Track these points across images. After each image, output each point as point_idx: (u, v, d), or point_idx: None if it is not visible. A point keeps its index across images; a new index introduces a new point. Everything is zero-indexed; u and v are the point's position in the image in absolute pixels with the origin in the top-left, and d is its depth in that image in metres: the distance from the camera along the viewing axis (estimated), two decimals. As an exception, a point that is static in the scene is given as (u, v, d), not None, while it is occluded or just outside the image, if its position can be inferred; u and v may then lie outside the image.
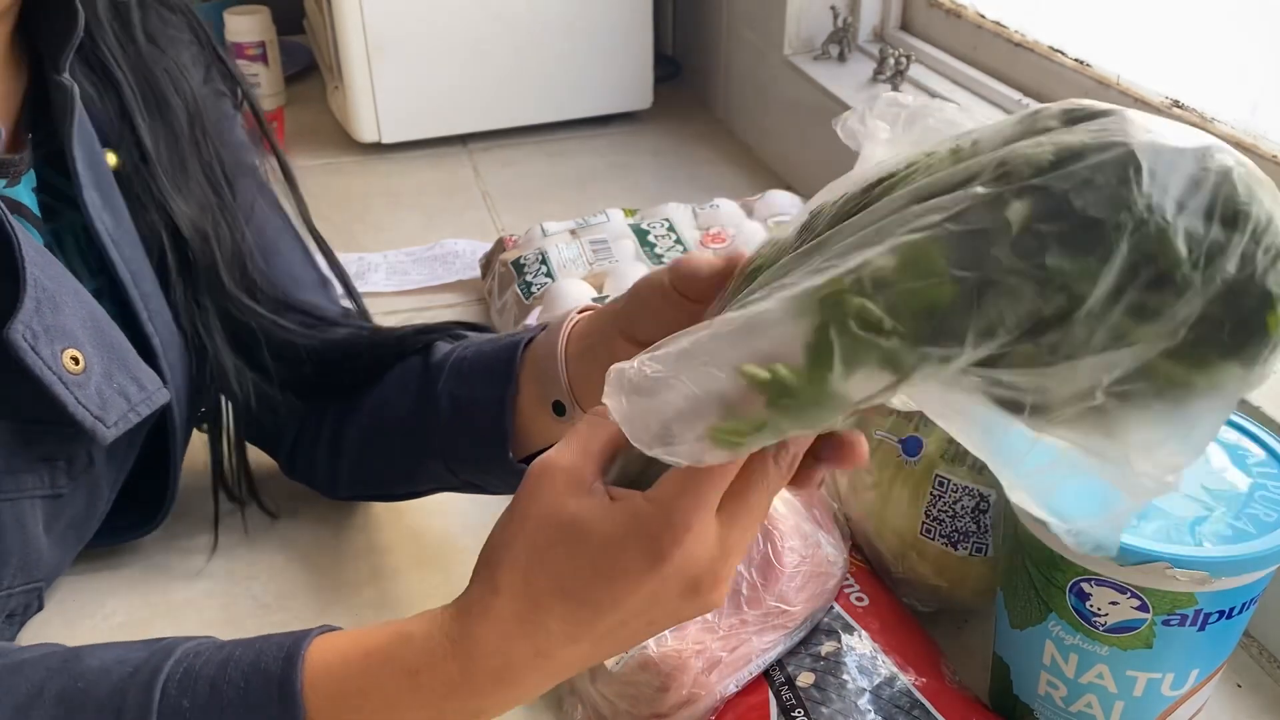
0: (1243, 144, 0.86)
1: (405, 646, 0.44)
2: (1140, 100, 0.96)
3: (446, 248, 1.19)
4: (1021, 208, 0.34)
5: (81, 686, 0.45)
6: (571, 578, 0.42)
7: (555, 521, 0.42)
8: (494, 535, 0.45)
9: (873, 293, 0.36)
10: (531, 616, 0.42)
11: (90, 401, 0.58)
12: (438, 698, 0.43)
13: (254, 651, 0.45)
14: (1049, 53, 1.07)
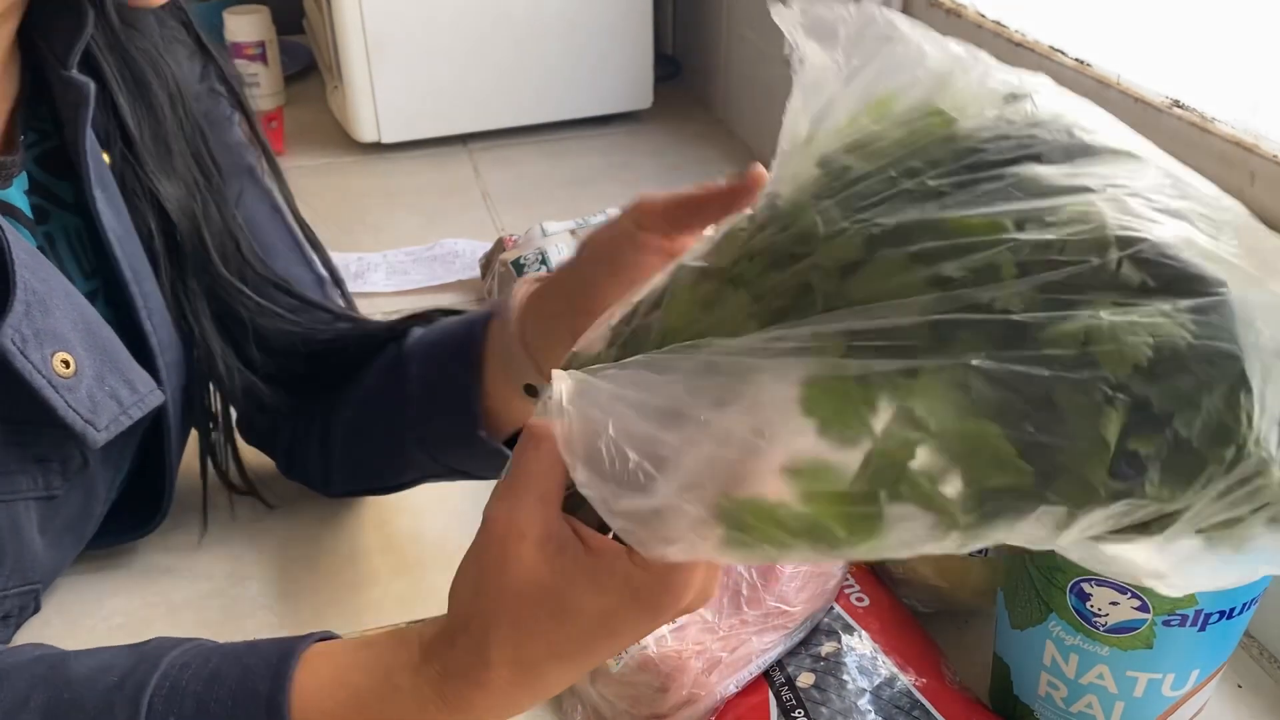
0: (1243, 144, 0.86)
1: (396, 700, 0.43)
2: (1141, 99, 0.96)
3: (446, 247, 1.19)
4: (1116, 418, 0.32)
5: (68, 697, 0.45)
6: (565, 643, 0.41)
7: (538, 593, 0.41)
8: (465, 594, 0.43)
9: (933, 473, 0.33)
10: (527, 680, 0.42)
11: (81, 405, 0.58)
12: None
13: (241, 668, 0.45)
14: (1049, 52, 1.07)
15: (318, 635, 0.47)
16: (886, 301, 0.33)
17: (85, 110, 0.60)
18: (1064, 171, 0.35)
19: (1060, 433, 0.32)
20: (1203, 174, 0.97)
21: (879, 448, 0.33)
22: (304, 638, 0.47)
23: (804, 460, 0.34)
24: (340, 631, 0.72)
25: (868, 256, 0.34)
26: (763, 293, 0.36)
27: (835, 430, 0.33)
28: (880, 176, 0.36)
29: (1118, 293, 0.32)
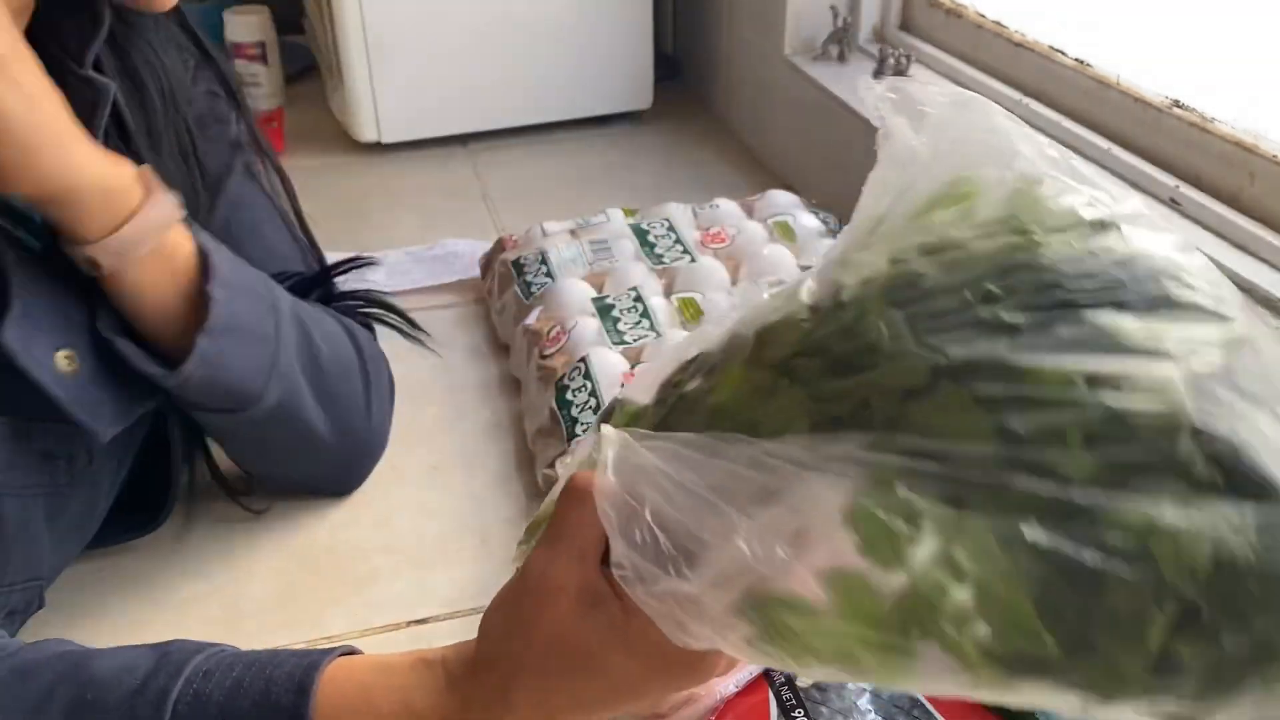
0: (1243, 144, 0.86)
1: None
2: (1141, 100, 0.96)
3: (446, 248, 1.19)
4: (1163, 622, 0.31)
5: (90, 698, 0.45)
6: (589, 697, 0.42)
7: (567, 649, 0.41)
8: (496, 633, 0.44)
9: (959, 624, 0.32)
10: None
11: (86, 400, 0.58)
12: None
13: (264, 679, 0.45)
14: (1049, 52, 1.07)
15: (340, 650, 0.48)
16: (945, 439, 0.33)
17: (103, 109, 0.60)
18: (1144, 326, 0.34)
19: (1101, 622, 0.32)
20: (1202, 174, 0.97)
21: (913, 585, 0.32)
22: (327, 652, 0.47)
23: (840, 572, 0.33)
24: (340, 631, 0.72)
25: (931, 386, 0.34)
26: (819, 395, 0.36)
27: (876, 552, 0.33)
28: (954, 295, 0.35)
29: (1185, 485, 0.31)
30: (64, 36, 0.60)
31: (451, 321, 1.07)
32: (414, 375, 0.96)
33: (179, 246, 0.61)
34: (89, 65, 0.60)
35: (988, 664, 0.33)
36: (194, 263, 0.62)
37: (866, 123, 1.14)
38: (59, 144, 0.54)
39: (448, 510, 0.81)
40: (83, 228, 0.57)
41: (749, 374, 0.38)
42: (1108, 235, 0.37)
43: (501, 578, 0.76)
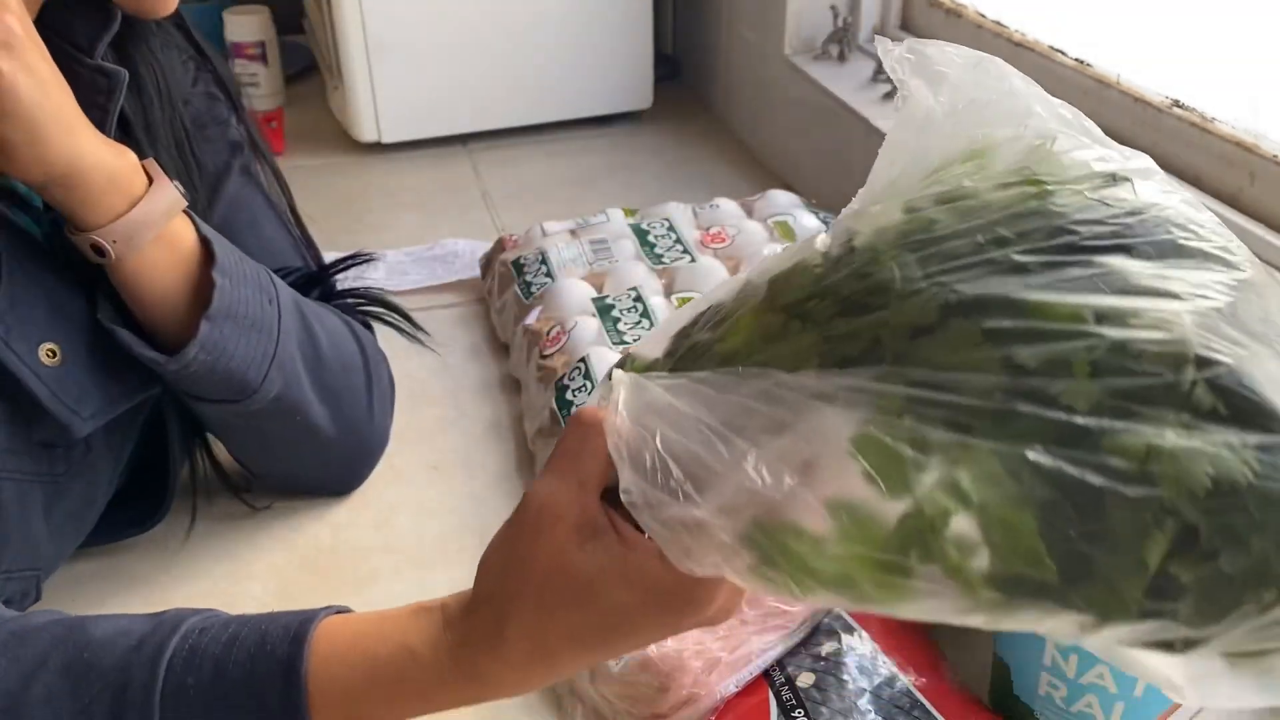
0: (1243, 144, 0.86)
1: (413, 666, 0.45)
2: (1141, 99, 0.96)
3: (446, 248, 1.19)
4: (1162, 541, 0.32)
5: (86, 658, 0.45)
6: (585, 630, 0.42)
7: (564, 579, 0.42)
8: (494, 568, 0.44)
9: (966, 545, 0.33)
10: (543, 658, 0.43)
11: (66, 394, 0.59)
12: (446, 706, 0.45)
13: (259, 633, 0.46)
14: (1049, 52, 1.07)
15: (338, 608, 0.48)
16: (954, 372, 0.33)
17: (117, 97, 0.61)
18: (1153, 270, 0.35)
19: (1102, 543, 0.32)
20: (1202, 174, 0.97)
21: (917, 507, 0.33)
22: (323, 609, 0.47)
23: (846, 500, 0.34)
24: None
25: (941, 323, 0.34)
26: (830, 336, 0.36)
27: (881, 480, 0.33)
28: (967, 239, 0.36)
29: (1188, 413, 0.32)
30: (73, 29, 0.60)
31: (451, 321, 1.07)
32: (414, 375, 0.96)
33: (182, 235, 0.62)
34: (99, 57, 0.61)
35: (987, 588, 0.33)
36: (197, 250, 0.62)
37: (866, 122, 1.14)
38: (67, 127, 0.55)
39: (448, 510, 0.81)
40: (88, 212, 0.58)
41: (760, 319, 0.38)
42: (1119, 188, 0.37)
43: (501, 578, 0.75)
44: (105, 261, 0.59)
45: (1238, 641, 0.33)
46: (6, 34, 0.51)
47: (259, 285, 0.65)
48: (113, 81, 0.61)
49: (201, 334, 0.61)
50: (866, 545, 0.34)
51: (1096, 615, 0.33)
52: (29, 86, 0.52)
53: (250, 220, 0.75)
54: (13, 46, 0.52)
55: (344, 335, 0.74)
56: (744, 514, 0.35)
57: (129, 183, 0.59)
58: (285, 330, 0.66)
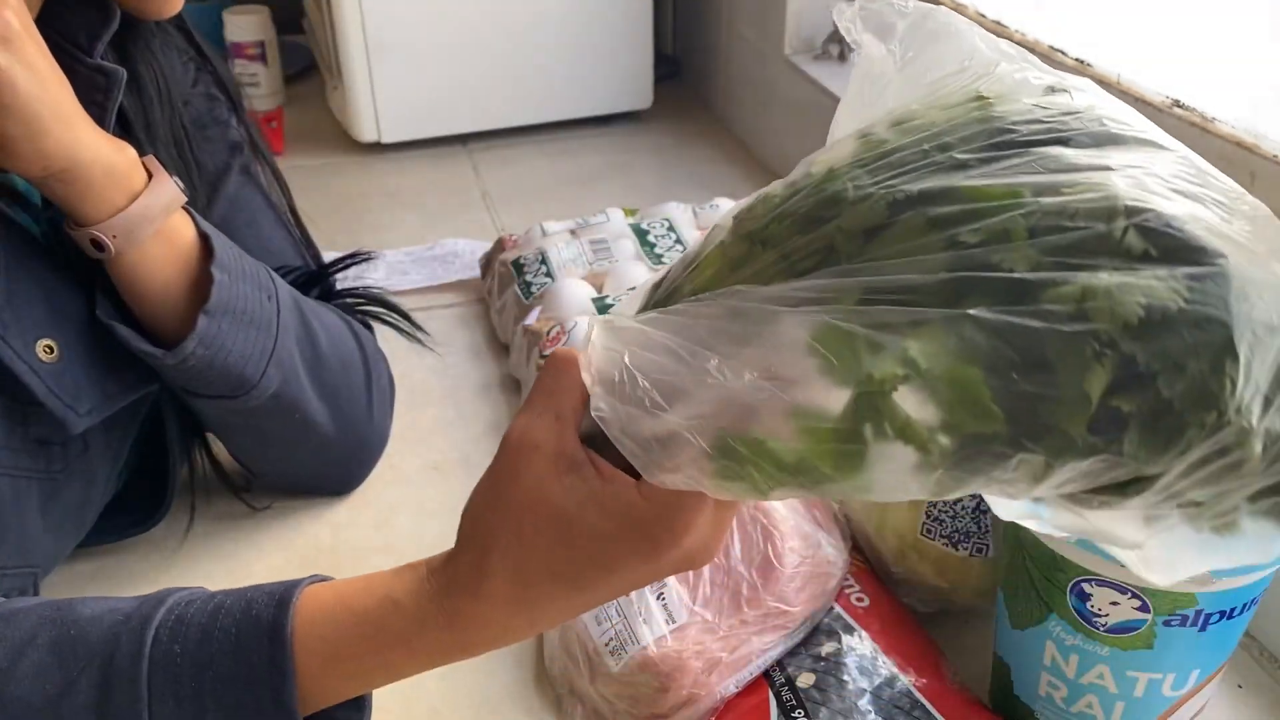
0: (1243, 144, 0.86)
1: (396, 616, 0.45)
2: (1141, 99, 0.96)
3: (446, 248, 1.19)
4: (1102, 374, 0.33)
5: (74, 634, 0.45)
6: (565, 564, 0.42)
7: (543, 511, 0.42)
8: (476, 509, 0.45)
9: (917, 408, 0.34)
10: (524, 596, 0.43)
11: (63, 390, 0.59)
12: (430, 659, 0.45)
13: (245, 600, 0.46)
14: (1049, 52, 1.07)
15: (320, 576, 0.48)
16: (902, 259, 0.35)
17: (115, 96, 0.61)
18: (1088, 154, 0.36)
19: (1045, 384, 0.33)
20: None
21: (868, 375, 0.34)
22: (307, 577, 0.48)
23: (806, 395, 0.35)
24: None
25: (890, 220, 0.36)
26: (789, 252, 0.37)
27: (837, 362, 0.34)
28: (913, 149, 0.37)
29: (1121, 259, 0.33)
30: (72, 28, 0.61)
31: (451, 321, 1.07)
32: (414, 375, 0.96)
33: (181, 230, 0.62)
34: (98, 55, 0.61)
35: (940, 452, 0.34)
36: (196, 246, 0.63)
37: (866, 122, 1.14)
38: (65, 122, 0.55)
39: (448, 510, 0.81)
40: (87, 206, 0.58)
41: (726, 251, 0.40)
42: (1058, 96, 0.39)
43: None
44: (104, 256, 0.60)
45: (1188, 482, 0.34)
46: (4, 28, 0.52)
47: (258, 282, 0.65)
48: (111, 80, 0.61)
49: (199, 328, 0.61)
50: (823, 432, 0.35)
51: (1046, 455, 0.34)
52: (27, 81, 0.52)
53: (249, 220, 0.75)
54: (10, 41, 0.52)
55: (343, 333, 0.74)
56: (710, 420, 0.36)
57: (128, 178, 0.59)
58: (284, 327, 0.66)
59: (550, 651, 0.67)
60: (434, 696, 0.66)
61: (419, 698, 0.66)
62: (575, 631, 0.64)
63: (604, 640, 0.62)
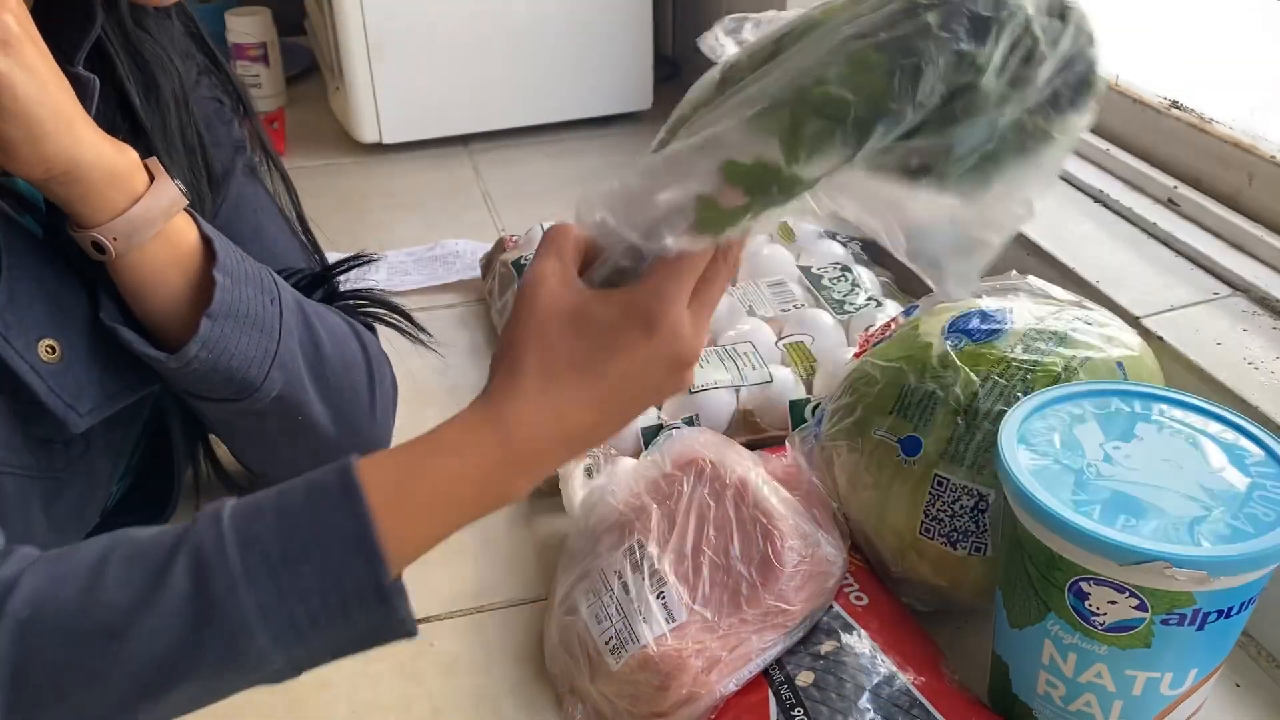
0: (1241, 145, 0.86)
1: (449, 431, 0.51)
2: (1140, 100, 0.96)
3: (447, 248, 1.19)
4: (935, 16, 0.48)
5: (144, 547, 0.47)
6: (582, 353, 0.51)
7: (560, 313, 0.51)
8: (504, 339, 0.53)
9: (835, 87, 0.48)
10: (551, 389, 0.50)
11: (64, 390, 0.60)
12: (482, 473, 0.50)
13: (303, 479, 0.49)
14: (1048, 53, 1.07)
15: None
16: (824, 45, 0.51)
17: (89, 105, 0.61)
18: None
19: (909, 42, 0.48)
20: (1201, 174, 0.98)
21: (796, 91, 0.49)
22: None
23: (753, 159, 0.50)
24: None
25: (819, 23, 0.53)
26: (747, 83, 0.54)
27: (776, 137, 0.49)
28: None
29: None
30: (57, 33, 0.60)
31: (452, 321, 1.07)
32: (415, 375, 0.96)
33: (184, 233, 0.62)
34: (79, 63, 0.61)
35: (860, 139, 0.48)
36: (198, 249, 0.63)
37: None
38: (66, 124, 0.55)
39: (448, 510, 0.82)
40: (89, 209, 0.58)
41: (701, 104, 0.54)
42: None
43: (501, 577, 0.76)
44: (105, 259, 0.60)
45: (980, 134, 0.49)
46: (4, 32, 0.52)
47: (261, 285, 0.65)
48: (87, 89, 0.61)
49: (202, 331, 0.61)
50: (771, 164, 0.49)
51: (964, 117, 0.48)
52: (27, 84, 0.52)
53: (253, 221, 0.75)
54: (10, 45, 0.52)
55: (346, 335, 0.74)
56: (683, 189, 0.51)
57: (129, 180, 0.59)
58: (287, 329, 0.66)
59: (550, 650, 0.67)
60: (435, 695, 0.67)
61: (420, 696, 0.67)
62: (576, 630, 0.64)
63: (604, 639, 0.63)
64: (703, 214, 0.51)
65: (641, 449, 0.80)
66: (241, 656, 0.46)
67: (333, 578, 0.46)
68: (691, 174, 0.51)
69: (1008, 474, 0.55)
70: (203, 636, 0.45)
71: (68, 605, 0.45)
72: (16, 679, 0.44)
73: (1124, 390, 0.61)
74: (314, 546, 0.46)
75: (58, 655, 0.45)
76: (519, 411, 0.50)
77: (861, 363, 0.71)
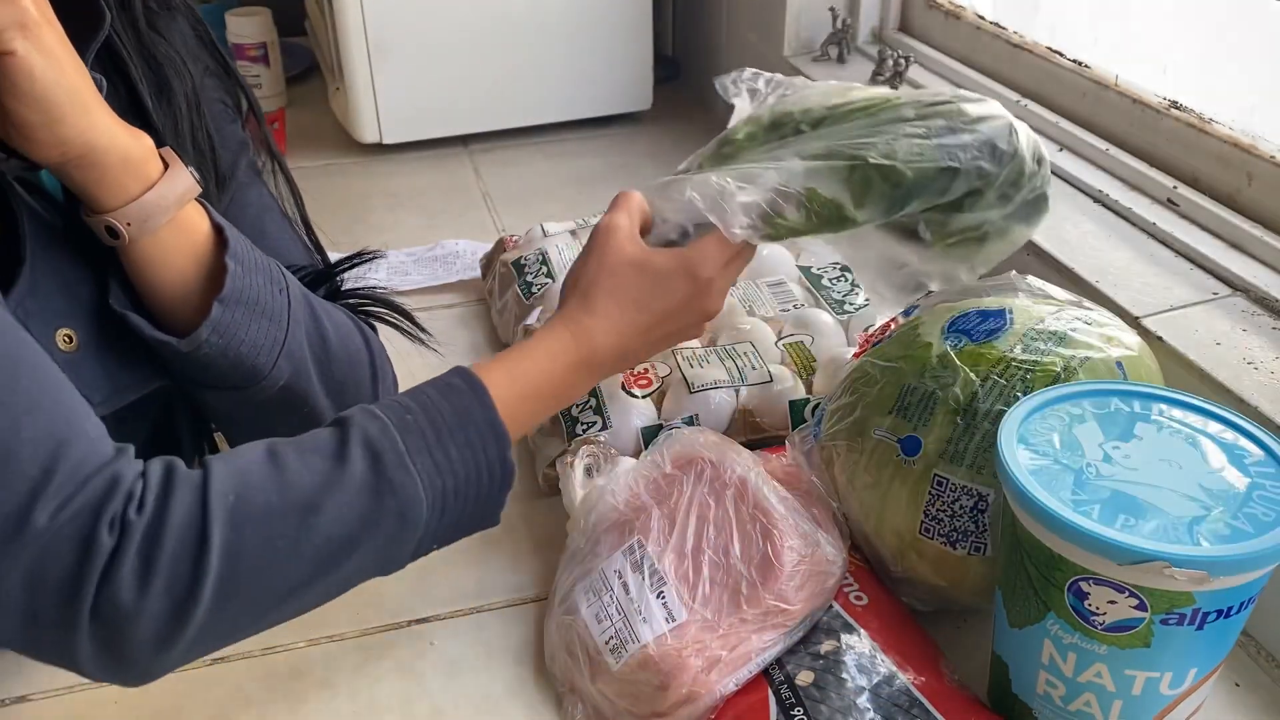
0: (1240, 145, 0.86)
1: (540, 340, 0.69)
2: (1139, 101, 0.96)
3: (447, 248, 1.19)
4: (971, 138, 0.70)
5: (309, 442, 0.57)
6: (642, 290, 0.70)
7: (627, 259, 0.70)
8: (576, 273, 0.72)
9: (899, 163, 0.69)
10: (615, 314, 0.70)
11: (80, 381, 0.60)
12: (563, 373, 0.68)
13: (426, 383, 0.62)
14: (1047, 54, 1.08)
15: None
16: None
17: None
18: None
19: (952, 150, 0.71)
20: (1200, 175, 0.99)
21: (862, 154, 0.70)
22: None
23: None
24: (341, 631, 0.72)
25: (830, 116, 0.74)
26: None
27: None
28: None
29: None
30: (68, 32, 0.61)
31: (453, 321, 1.07)
32: (416, 375, 0.95)
33: (196, 221, 0.63)
34: (89, 63, 0.61)
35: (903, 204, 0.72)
36: (210, 237, 0.63)
37: (866, 124, 1.14)
38: (83, 108, 0.56)
39: (448, 510, 0.82)
40: (104, 193, 0.58)
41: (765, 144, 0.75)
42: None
43: (501, 577, 0.76)
44: (118, 244, 0.60)
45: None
46: (22, 15, 0.52)
47: (270, 274, 0.66)
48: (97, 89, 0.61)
49: (214, 316, 0.61)
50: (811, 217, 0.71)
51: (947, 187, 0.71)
52: (44, 67, 0.53)
53: (256, 221, 0.75)
54: (28, 28, 0.52)
55: (351, 331, 0.75)
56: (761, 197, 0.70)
57: (144, 166, 0.59)
58: (295, 320, 0.67)
59: (551, 650, 0.67)
60: (436, 695, 0.67)
61: (421, 695, 0.67)
62: (576, 630, 0.64)
63: (604, 639, 0.63)
64: (771, 220, 0.70)
65: (641, 449, 0.80)
66: (410, 527, 0.56)
67: (472, 452, 0.59)
68: (771, 189, 0.69)
69: (1007, 474, 0.55)
70: (383, 507, 0.55)
71: (266, 487, 0.53)
72: (229, 558, 0.50)
73: (1123, 390, 0.61)
74: (458, 429, 0.59)
75: (262, 532, 0.52)
76: (593, 329, 0.69)
77: (861, 363, 0.71)
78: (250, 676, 0.68)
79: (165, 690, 0.67)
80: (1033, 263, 0.88)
